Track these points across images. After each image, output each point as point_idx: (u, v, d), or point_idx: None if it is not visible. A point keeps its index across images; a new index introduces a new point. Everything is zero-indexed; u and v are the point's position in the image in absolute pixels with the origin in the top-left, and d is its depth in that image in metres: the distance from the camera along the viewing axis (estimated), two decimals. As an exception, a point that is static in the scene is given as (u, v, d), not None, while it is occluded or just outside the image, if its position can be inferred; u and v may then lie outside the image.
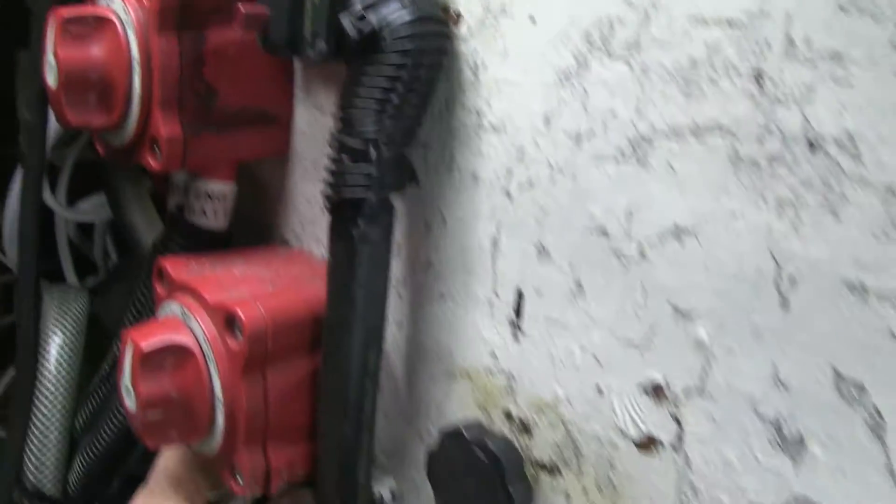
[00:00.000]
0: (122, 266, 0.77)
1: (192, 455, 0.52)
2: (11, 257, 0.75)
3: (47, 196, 0.67)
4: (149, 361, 0.44)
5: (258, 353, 0.44)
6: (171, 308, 0.48)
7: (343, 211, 0.41)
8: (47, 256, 0.72)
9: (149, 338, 0.45)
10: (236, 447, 0.46)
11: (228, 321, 0.44)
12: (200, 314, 0.46)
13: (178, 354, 0.45)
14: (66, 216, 0.73)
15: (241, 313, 0.43)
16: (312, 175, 0.54)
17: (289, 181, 0.56)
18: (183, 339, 0.46)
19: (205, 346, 0.45)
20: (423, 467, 0.50)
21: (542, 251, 0.40)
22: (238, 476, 0.47)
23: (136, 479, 0.90)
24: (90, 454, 0.64)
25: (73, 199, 0.76)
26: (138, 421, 0.45)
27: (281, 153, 0.55)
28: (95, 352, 0.70)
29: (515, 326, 0.42)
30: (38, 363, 0.62)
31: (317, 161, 0.53)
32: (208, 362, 0.45)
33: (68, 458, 0.66)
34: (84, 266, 0.85)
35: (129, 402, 0.45)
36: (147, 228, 0.65)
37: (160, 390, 0.45)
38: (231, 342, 0.44)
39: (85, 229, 0.83)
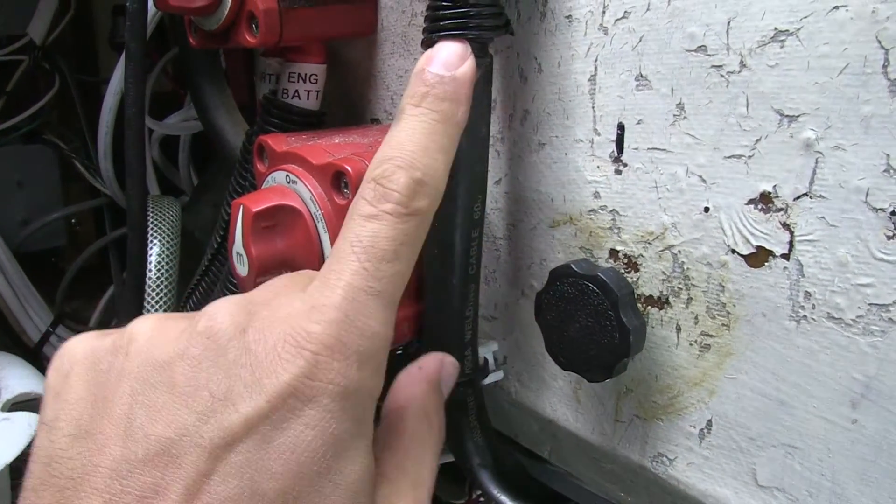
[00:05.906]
0: (206, 180, 0.79)
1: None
2: (107, 177, 0.77)
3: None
4: (259, 221, 0.45)
5: (365, 207, 0.44)
6: (275, 177, 0.48)
7: (443, 55, 0.41)
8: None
9: (258, 201, 0.46)
10: (346, 307, 0.47)
11: (336, 178, 0.44)
12: (306, 177, 0.46)
13: (287, 215, 0.46)
14: (157, 130, 0.75)
15: (348, 167, 0.43)
16: (402, 49, 0.54)
17: (378, 58, 0.57)
18: (291, 201, 0.46)
19: (312, 207, 0.46)
20: (526, 328, 0.51)
21: (641, 79, 0.40)
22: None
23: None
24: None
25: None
26: (250, 286, 0.46)
27: (369, 32, 0.55)
28: (186, 265, 0.73)
29: (618, 161, 0.42)
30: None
31: (405, 34, 0.53)
32: (316, 222, 0.46)
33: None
34: (165, 191, 0.87)
35: (241, 267, 0.46)
36: (234, 131, 0.67)
37: (271, 251, 0.46)
38: (338, 199, 0.45)
39: (165, 151, 0.86)
